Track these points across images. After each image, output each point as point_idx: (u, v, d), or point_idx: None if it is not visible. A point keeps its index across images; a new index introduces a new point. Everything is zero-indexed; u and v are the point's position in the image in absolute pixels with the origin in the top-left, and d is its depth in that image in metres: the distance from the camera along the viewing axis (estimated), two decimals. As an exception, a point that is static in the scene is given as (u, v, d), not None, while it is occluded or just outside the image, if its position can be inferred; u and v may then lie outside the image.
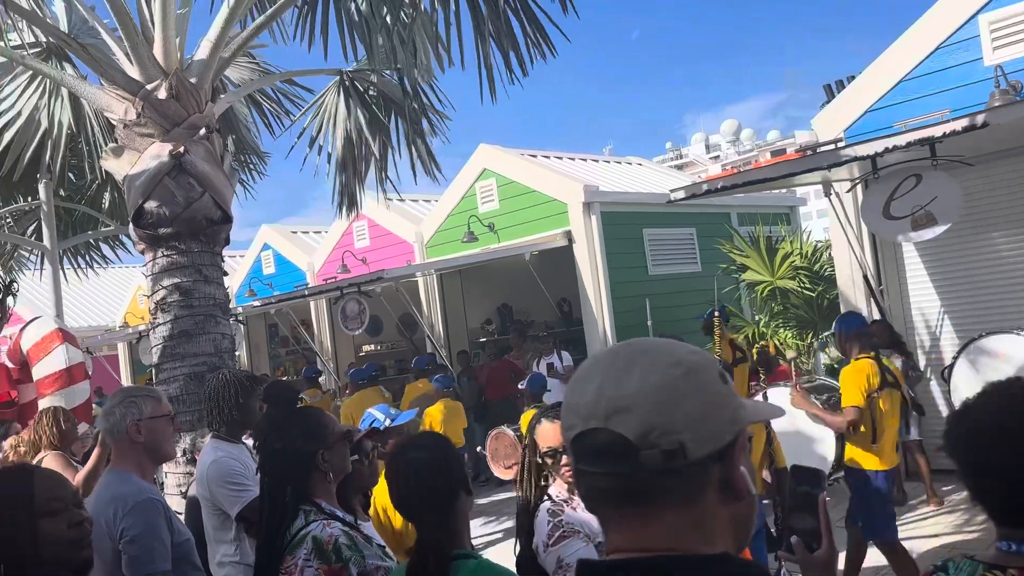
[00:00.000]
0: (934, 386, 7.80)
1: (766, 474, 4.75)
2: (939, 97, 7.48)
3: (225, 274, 5.06)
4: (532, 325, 13.26)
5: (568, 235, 11.23)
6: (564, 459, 2.67)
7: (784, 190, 13.31)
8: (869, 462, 4.82)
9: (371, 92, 7.03)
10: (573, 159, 13.47)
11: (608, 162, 14.60)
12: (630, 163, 14.89)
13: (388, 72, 6.90)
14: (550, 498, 2.73)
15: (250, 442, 3.86)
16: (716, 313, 8.08)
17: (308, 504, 2.46)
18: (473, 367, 12.08)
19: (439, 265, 12.11)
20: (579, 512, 2.71)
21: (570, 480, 2.70)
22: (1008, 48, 7.18)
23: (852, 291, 8.43)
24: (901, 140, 5.50)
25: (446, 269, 12.48)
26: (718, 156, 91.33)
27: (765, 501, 4.75)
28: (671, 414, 0.93)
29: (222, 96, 5.54)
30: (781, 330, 10.55)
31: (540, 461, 2.77)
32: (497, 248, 11.98)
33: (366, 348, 15.06)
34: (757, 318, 11.07)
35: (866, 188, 7.30)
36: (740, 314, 11.46)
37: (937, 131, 5.31)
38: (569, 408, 0.99)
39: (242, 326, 14.08)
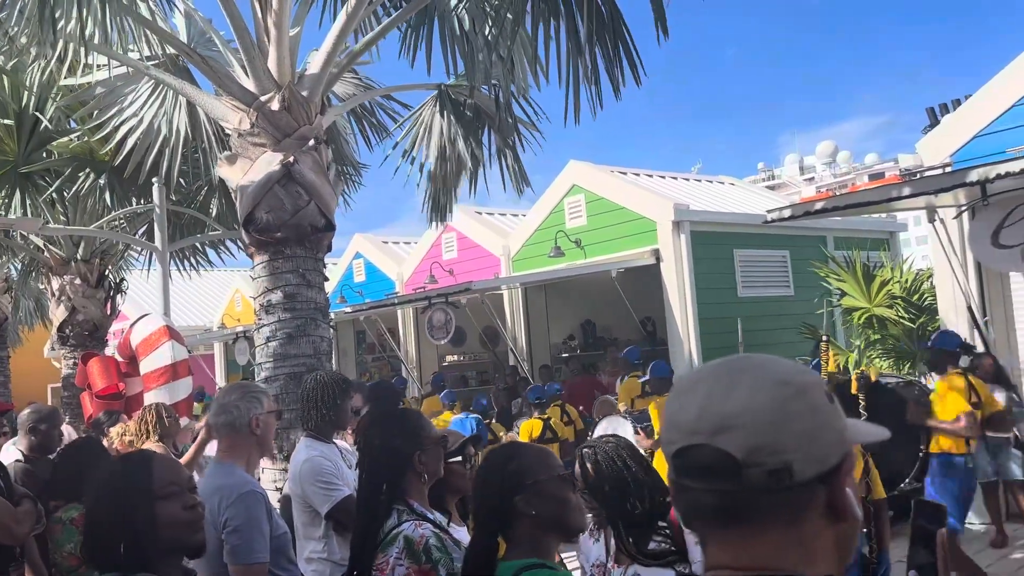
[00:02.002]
0: (1042, 425, 7.39)
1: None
2: (1056, 122, 7.13)
3: (326, 279, 5.26)
4: (615, 343, 13.19)
5: (656, 253, 11.14)
6: None
7: (884, 215, 12.86)
8: None
9: (466, 106, 7.19)
10: (663, 177, 13.37)
11: (699, 181, 14.43)
12: (721, 182, 14.67)
13: (485, 87, 7.04)
14: None
15: (341, 442, 4.00)
16: (825, 338, 7.82)
17: (401, 503, 2.53)
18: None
19: (525, 279, 12.19)
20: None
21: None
22: None
23: (955, 321, 8.07)
24: (1014, 167, 5.27)
25: (532, 283, 12.55)
26: (812, 178, 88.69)
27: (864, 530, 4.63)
28: (779, 434, 0.92)
29: (329, 109, 5.76)
30: (878, 359, 10.18)
31: None
32: (583, 264, 11.98)
33: (449, 358, 15.27)
34: (853, 345, 10.71)
35: (973, 215, 7.02)
36: (834, 341, 11.11)
37: (1055, 158, 5.07)
38: (671, 423, 0.99)
39: (332, 331, 14.47)
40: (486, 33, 5.27)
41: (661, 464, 4.18)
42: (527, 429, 8.18)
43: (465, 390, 14.32)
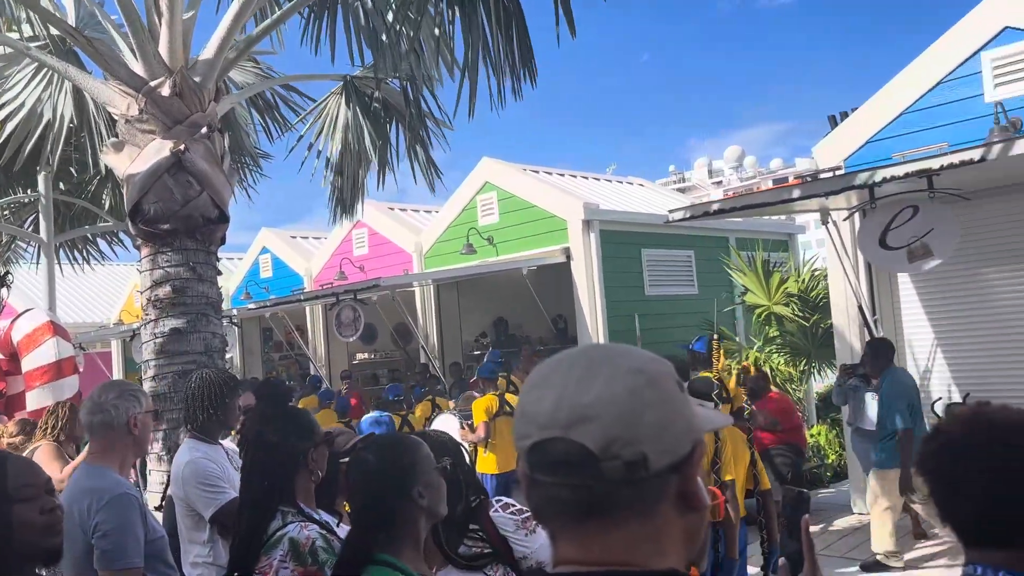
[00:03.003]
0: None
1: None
2: (939, 131, 7.51)
3: (219, 273, 5.06)
4: (528, 340, 13.25)
5: (566, 252, 11.24)
6: None
7: (783, 217, 13.33)
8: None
9: (374, 98, 7.06)
10: (575, 176, 13.50)
11: (610, 181, 14.64)
12: (631, 183, 14.93)
13: (393, 80, 6.93)
14: None
15: (227, 443, 3.85)
16: (716, 336, 8.24)
17: (288, 504, 2.45)
18: (466, 380, 12.04)
19: (436, 276, 12.11)
20: None
21: None
22: (1009, 85, 7.21)
23: (846, 320, 8.43)
24: (899, 171, 5.52)
25: (444, 280, 12.47)
26: (720, 181, 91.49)
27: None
28: (635, 424, 0.91)
29: (225, 97, 5.55)
30: (775, 356, 10.54)
31: None
32: (495, 262, 11.98)
33: (360, 356, 15.04)
34: (753, 343, 11.06)
35: (863, 218, 7.33)
36: (735, 338, 11.45)
37: (935, 164, 5.33)
38: (525, 416, 0.96)
39: (236, 328, 14.07)
40: (391, 21, 5.18)
41: (483, 462, 4.26)
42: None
43: (376, 388, 14.15)
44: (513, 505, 2.52)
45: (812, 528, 7.83)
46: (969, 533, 1.45)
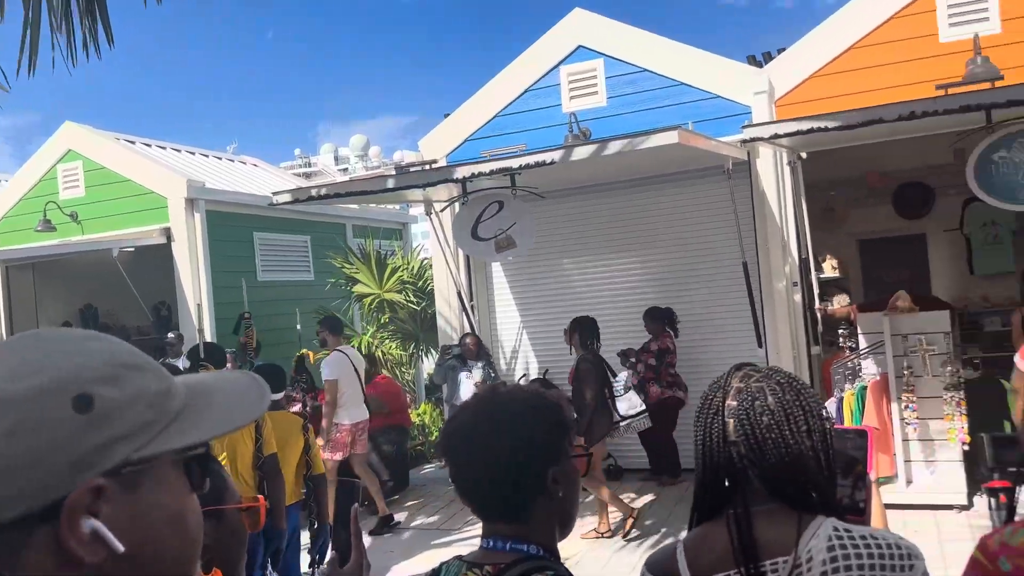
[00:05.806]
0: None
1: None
2: (526, 135, 8.31)
3: None
4: (123, 330, 11.92)
5: (167, 232, 10.34)
6: None
7: (397, 207, 13.77)
8: None
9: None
10: (179, 151, 12.46)
11: (220, 159, 13.79)
12: (244, 163, 14.24)
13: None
14: None
15: None
16: (247, 315, 8.41)
17: None
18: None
19: (4, 256, 10.36)
20: None
21: None
22: (582, 99, 8.23)
23: (448, 305, 8.97)
24: (485, 168, 5.97)
25: (14, 261, 10.71)
26: (347, 169, 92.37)
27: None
28: None
29: None
30: (387, 341, 10.86)
31: None
32: (80, 241, 10.61)
33: None
34: (365, 329, 11.28)
35: (460, 209, 7.84)
36: (351, 325, 11.56)
37: (515, 163, 5.86)
38: None
39: None
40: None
41: None
42: None
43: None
44: None
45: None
46: (479, 510, 1.53)
